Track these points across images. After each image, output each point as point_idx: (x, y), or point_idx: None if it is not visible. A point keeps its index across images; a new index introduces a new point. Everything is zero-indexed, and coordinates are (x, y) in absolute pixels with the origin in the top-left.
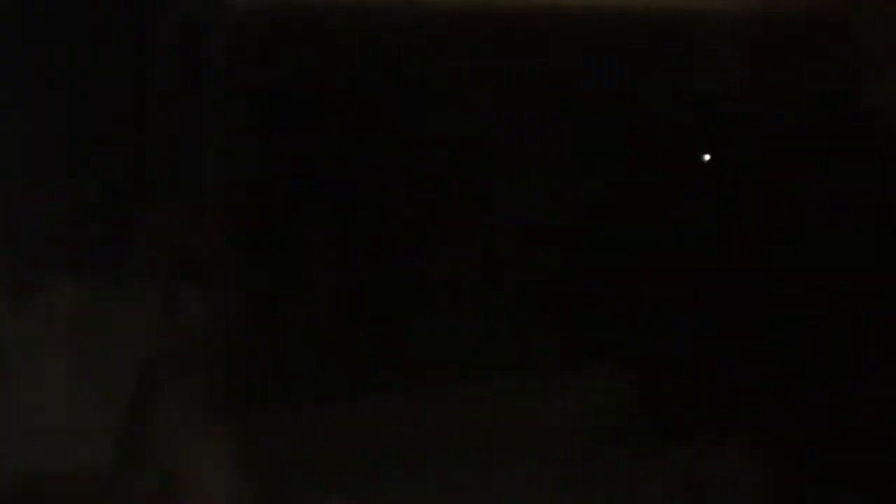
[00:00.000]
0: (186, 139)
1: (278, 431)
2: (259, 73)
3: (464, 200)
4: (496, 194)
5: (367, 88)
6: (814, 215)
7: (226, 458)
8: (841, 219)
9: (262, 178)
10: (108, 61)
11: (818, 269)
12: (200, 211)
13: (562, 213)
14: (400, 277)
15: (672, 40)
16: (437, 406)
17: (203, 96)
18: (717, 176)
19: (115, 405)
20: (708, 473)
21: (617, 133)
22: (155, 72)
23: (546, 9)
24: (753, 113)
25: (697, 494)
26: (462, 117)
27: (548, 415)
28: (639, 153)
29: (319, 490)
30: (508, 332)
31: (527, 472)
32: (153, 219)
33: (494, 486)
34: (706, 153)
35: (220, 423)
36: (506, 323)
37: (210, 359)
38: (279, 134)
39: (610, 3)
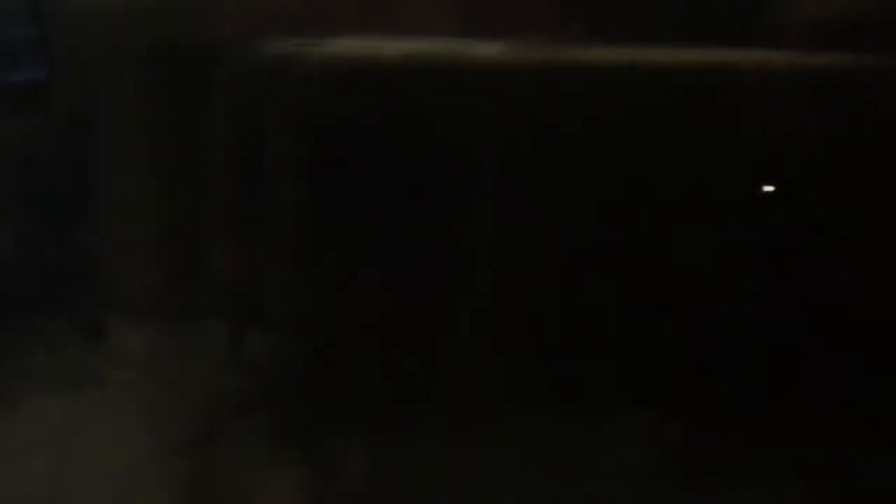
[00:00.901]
0: (251, 184)
1: (343, 465)
2: (322, 121)
3: (518, 245)
4: (549, 239)
5: (428, 138)
6: (870, 259)
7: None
8: None
9: (324, 222)
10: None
11: (873, 313)
12: (264, 253)
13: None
14: (456, 315)
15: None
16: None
17: (267, 142)
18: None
19: (184, 443)
20: None
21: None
22: (220, 119)
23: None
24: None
25: None
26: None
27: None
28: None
29: None
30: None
31: None
32: (218, 261)
33: None
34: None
35: (286, 458)
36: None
37: (275, 396)
38: (341, 179)
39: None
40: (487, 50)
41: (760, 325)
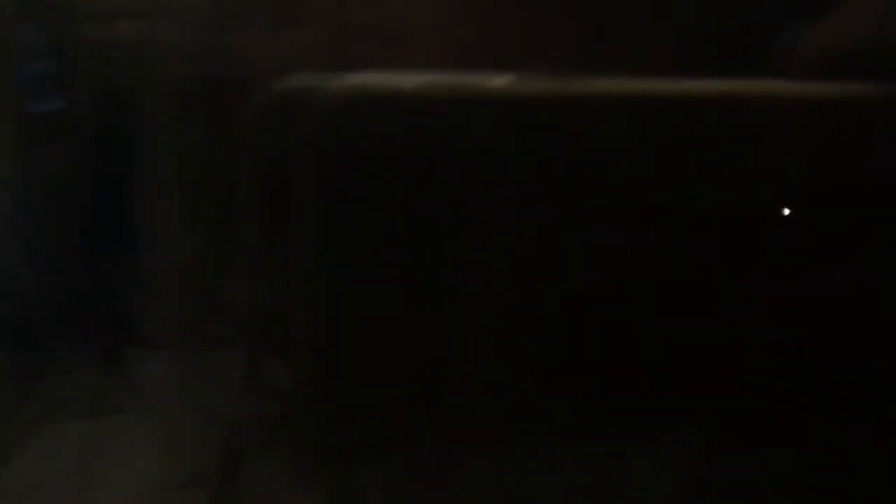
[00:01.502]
0: (272, 213)
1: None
2: (342, 153)
3: (535, 272)
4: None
5: (452, 167)
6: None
7: None
8: None
9: (346, 250)
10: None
11: None
12: (285, 283)
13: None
14: (479, 342)
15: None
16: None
17: (290, 171)
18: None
19: (204, 471)
20: None
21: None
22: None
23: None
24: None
25: None
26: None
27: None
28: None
29: None
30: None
31: None
32: (237, 290)
33: None
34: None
35: (307, 488)
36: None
37: (295, 425)
38: (364, 207)
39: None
40: (496, 81)
41: (785, 353)
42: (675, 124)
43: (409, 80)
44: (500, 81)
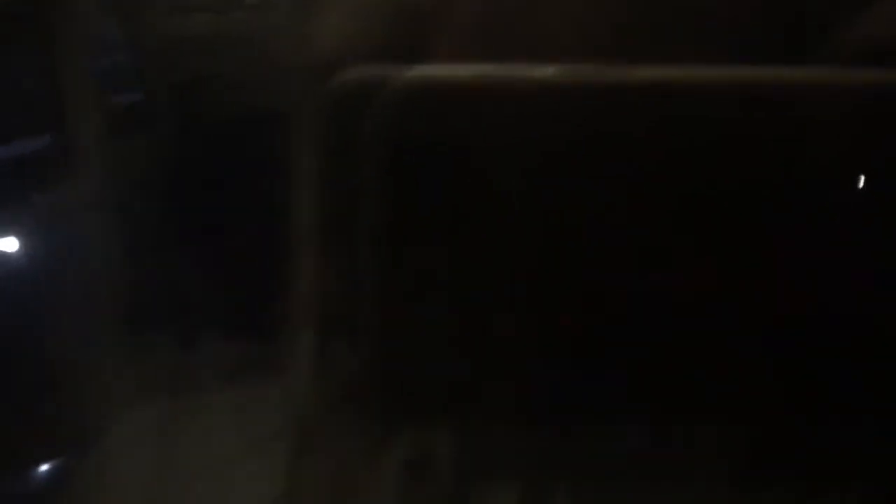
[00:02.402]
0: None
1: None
2: (404, 143)
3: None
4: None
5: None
6: None
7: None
8: None
9: (404, 232)
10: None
11: None
12: (350, 268)
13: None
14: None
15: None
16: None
17: (351, 155)
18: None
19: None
20: None
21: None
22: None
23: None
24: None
25: None
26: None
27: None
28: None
29: None
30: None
31: None
32: (301, 271)
33: None
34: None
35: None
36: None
37: (360, 405)
38: (423, 189)
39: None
40: (550, 71)
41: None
42: (725, 113)
43: (466, 70)
44: (553, 71)
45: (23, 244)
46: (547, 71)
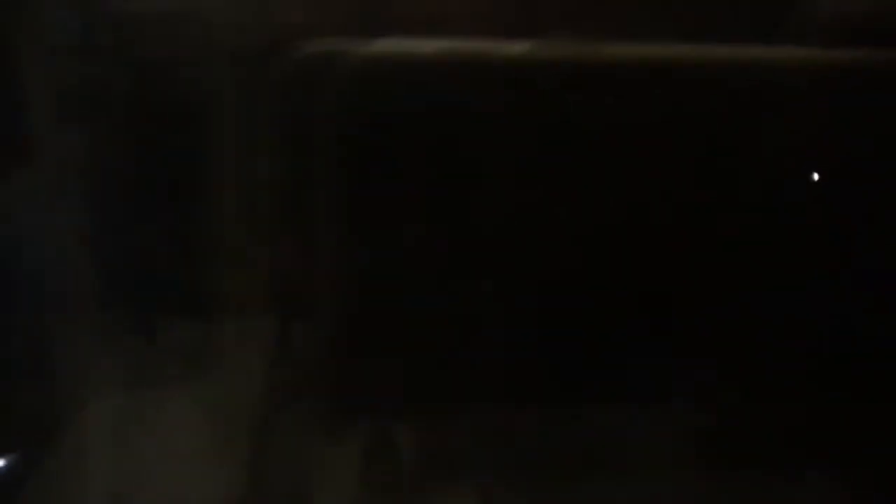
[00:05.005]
0: (293, 178)
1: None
2: (364, 119)
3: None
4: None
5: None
6: None
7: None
8: None
9: (368, 215)
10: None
11: None
12: (310, 249)
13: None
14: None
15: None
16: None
17: (311, 139)
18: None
19: (235, 437)
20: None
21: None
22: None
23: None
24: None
25: None
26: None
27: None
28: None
29: None
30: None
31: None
32: (262, 254)
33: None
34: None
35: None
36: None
37: (323, 387)
38: (387, 172)
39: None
40: (516, 47)
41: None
42: (695, 90)
43: (430, 45)
44: (519, 47)
45: None
46: (513, 47)
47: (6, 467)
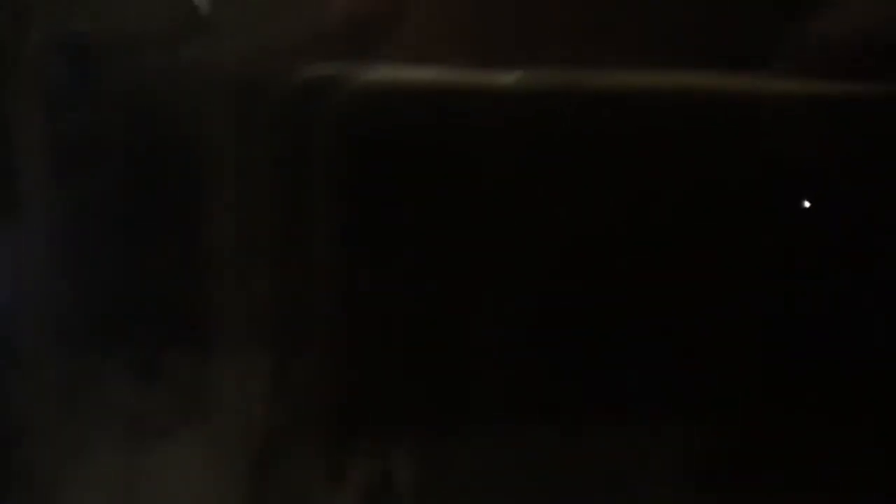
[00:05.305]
0: (293, 208)
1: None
2: (362, 145)
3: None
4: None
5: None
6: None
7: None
8: None
9: (364, 242)
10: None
11: None
12: (307, 278)
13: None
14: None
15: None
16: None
17: (308, 165)
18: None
19: (235, 472)
20: None
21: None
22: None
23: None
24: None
25: None
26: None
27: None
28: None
29: None
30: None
31: None
32: (260, 287)
33: None
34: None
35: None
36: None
37: (324, 422)
38: (382, 199)
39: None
40: (508, 76)
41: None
42: (682, 120)
43: (423, 73)
44: (511, 77)
45: None
46: (509, 76)
47: None
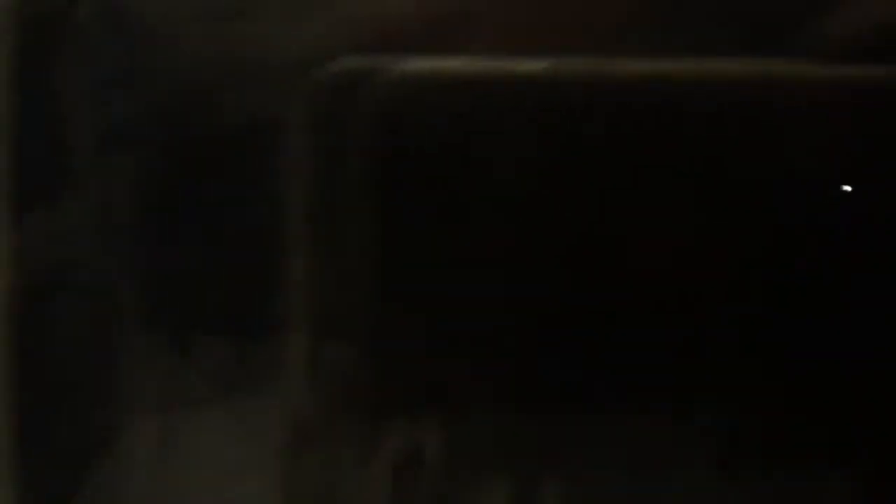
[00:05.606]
0: (328, 196)
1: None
2: (398, 137)
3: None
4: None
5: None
6: None
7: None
8: None
9: (398, 231)
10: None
11: None
12: (341, 265)
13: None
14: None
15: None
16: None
17: (344, 157)
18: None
19: (268, 458)
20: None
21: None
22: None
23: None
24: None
25: None
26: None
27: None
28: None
29: None
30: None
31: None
32: (295, 275)
33: None
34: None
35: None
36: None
37: (355, 410)
38: (415, 189)
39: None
40: (537, 65)
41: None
42: (711, 105)
43: (452, 64)
44: (540, 65)
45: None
46: (540, 64)
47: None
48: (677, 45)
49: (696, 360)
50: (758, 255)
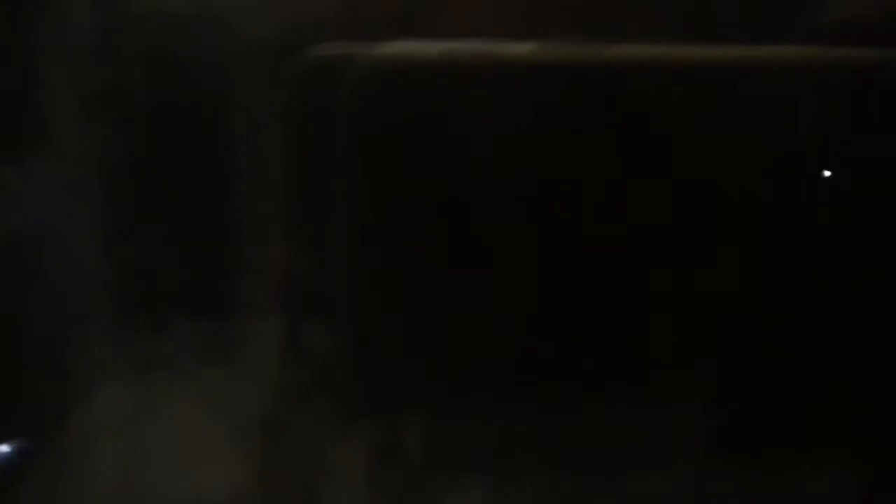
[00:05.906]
0: (305, 178)
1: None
2: (374, 122)
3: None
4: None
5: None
6: None
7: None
8: None
9: (381, 215)
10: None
11: None
12: (320, 250)
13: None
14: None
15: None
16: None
17: (320, 141)
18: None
19: (243, 438)
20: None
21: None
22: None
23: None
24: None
25: None
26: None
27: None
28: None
29: None
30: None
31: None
32: (272, 256)
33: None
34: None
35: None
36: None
37: (334, 390)
38: (398, 172)
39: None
40: (520, 48)
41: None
42: (699, 91)
43: (435, 48)
44: (524, 49)
45: None
46: (521, 48)
47: (13, 452)
48: (665, 30)
49: (679, 358)
50: (747, 248)
